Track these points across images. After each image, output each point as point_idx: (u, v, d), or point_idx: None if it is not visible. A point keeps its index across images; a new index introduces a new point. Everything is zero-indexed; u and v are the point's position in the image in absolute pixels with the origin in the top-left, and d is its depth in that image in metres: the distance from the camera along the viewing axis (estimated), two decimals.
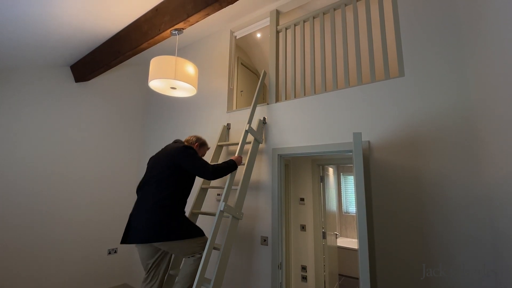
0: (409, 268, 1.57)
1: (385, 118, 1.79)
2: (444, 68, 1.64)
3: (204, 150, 2.10)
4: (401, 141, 1.71)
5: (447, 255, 1.48)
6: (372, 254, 1.68)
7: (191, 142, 2.02)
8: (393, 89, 1.80)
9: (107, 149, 3.26)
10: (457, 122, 1.56)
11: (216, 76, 2.94)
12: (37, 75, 2.73)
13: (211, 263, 2.32)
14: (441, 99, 1.62)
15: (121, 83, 3.46)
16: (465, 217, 1.46)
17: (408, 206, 1.63)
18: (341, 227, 5.10)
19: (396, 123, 1.75)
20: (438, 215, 1.53)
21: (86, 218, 2.99)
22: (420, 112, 1.68)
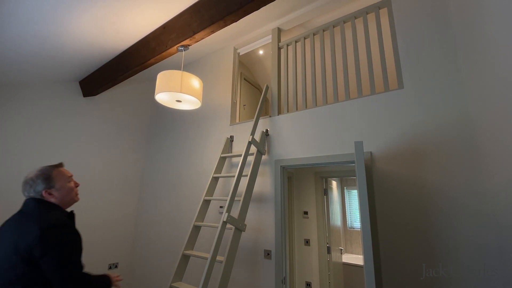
0: (415, 279, 1.53)
1: (386, 130, 1.82)
2: (442, 80, 1.69)
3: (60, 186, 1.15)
4: (403, 152, 1.72)
5: (454, 262, 1.44)
6: (378, 267, 1.64)
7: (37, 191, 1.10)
8: (393, 101, 1.84)
9: (111, 162, 3.29)
10: (456, 132, 1.58)
11: (220, 90, 3.02)
12: (47, 90, 2.82)
13: (213, 276, 2.26)
14: (440, 110, 1.65)
15: (127, 98, 3.56)
16: (470, 223, 1.44)
17: (412, 215, 1.61)
18: (346, 242, 4.97)
19: (397, 134, 1.77)
20: (442, 223, 1.51)
21: (87, 231, 2.96)
22: (420, 123, 1.70)
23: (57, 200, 1.13)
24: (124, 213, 3.33)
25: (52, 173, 1.14)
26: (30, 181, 1.10)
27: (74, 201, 1.21)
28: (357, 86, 2.03)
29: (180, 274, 1.98)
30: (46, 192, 1.11)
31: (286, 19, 2.61)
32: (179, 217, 2.93)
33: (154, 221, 3.20)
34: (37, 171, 1.13)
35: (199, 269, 2.53)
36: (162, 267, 2.91)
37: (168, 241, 2.95)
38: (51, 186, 1.12)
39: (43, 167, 1.17)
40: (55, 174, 1.15)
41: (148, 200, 3.38)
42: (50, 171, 1.15)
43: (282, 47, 2.61)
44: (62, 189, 1.14)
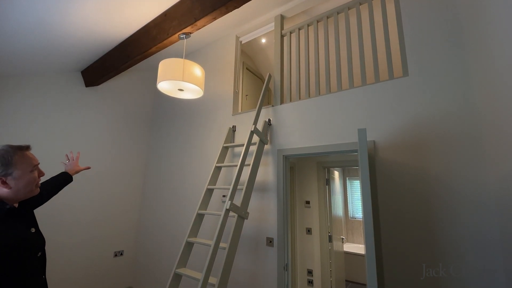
0: (417, 269, 1.55)
1: (390, 118, 1.80)
2: (448, 67, 1.65)
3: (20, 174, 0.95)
4: (406, 140, 1.71)
5: (457, 254, 1.46)
6: (379, 256, 1.66)
7: None
8: (397, 89, 1.81)
9: (115, 152, 3.32)
10: (461, 120, 1.56)
11: (222, 80, 3.00)
12: (49, 81, 2.82)
13: (216, 263, 2.31)
14: (445, 98, 1.63)
15: (129, 87, 3.55)
16: (472, 215, 1.44)
17: (414, 205, 1.62)
18: (347, 232, 5.03)
19: (400, 123, 1.75)
20: (445, 213, 1.52)
21: (93, 220, 3.02)
22: (425, 111, 1.68)
23: (11, 191, 0.91)
24: (128, 202, 3.38)
25: (13, 157, 0.91)
26: None
27: (33, 194, 0.99)
28: (361, 74, 2.00)
29: (184, 260, 2.02)
30: (0, 180, 0.90)
31: (289, 6, 2.55)
32: (183, 205, 2.97)
33: (158, 209, 3.25)
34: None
35: (203, 256, 2.59)
36: (167, 254, 2.98)
37: (172, 229, 3.01)
38: (8, 173, 0.90)
39: (3, 146, 0.93)
40: (17, 159, 0.92)
41: (152, 189, 3.42)
42: (12, 154, 0.92)
43: (285, 34, 2.57)
44: (21, 178, 0.93)
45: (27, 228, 1.00)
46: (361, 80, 1.99)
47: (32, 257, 0.96)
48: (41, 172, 1.04)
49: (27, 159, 0.96)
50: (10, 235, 0.89)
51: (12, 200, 0.95)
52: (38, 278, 0.99)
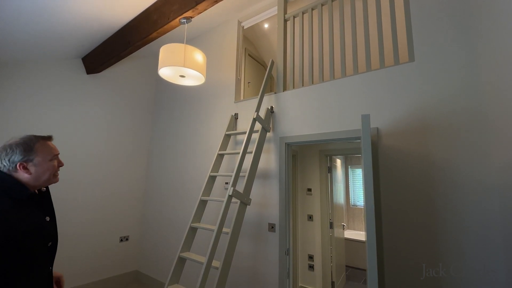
0: (417, 258, 1.57)
1: (394, 105, 1.78)
2: (455, 53, 1.61)
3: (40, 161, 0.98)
4: (410, 127, 1.70)
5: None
6: (380, 243, 1.68)
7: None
8: (402, 75, 1.78)
9: (118, 139, 3.34)
10: (468, 107, 1.53)
11: (224, 67, 2.96)
12: (50, 68, 2.80)
13: (219, 247, 2.37)
14: (452, 84, 1.60)
15: (131, 75, 3.52)
16: (475, 205, 1.45)
17: (416, 192, 1.62)
18: (348, 219, 5.09)
19: (405, 109, 1.73)
20: (447, 202, 1.52)
21: (98, 206, 3.08)
22: (430, 98, 1.66)
23: (31, 177, 0.95)
24: (133, 189, 3.44)
25: (35, 144, 0.97)
26: (8, 148, 0.94)
27: (50, 183, 1.03)
28: (366, 59, 1.96)
29: (188, 245, 2.07)
30: (21, 165, 0.93)
31: None
32: (186, 192, 3.01)
33: (161, 196, 3.30)
34: (20, 138, 0.96)
35: (206, 241, 2.65)
36: (171, 239, 3.05)
37: (176, 215, 3.06)
38: (29, 160, 0.94)
39: (27, 135, 0.99)
40: (39, 146, 0.97)
41: (156, 176, 3.46)
42: (34, 142, 0.97)
43: (288, 19, 2.50)
44: (41, 165, 0.97)
45: (43, 216, 1.01)
46: (366, 66, 1.95)
47: (42, 246, 0.98)
48: (60, 162, 1.06)
49: (48, 148, 1.00)
50: (28, 220, 0.91)
51: (32, 187, 0.98)
52: (45, 268, 1.00)
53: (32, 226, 0.92)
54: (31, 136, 0.99)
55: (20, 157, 0.93)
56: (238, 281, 2.35)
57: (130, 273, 3.31)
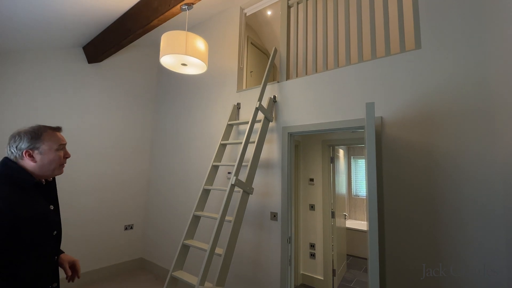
0: (419, 248, 1.58)
1: (399, 93, 1.75)
2: (463, 40, 1.57)
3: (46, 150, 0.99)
4: (415, 116, 1.67)
5: (460, 230, 1.48)
6: (381, 233, 1.69)
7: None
8: (408, 62, 1.74)
9: (121, 129, 3.35)
10: (475, 95, 1.50)
11: (226, 55, 2.91)
12: (51, 57, 2.79)
13: (222, 235, 2.40)
14: (459, 72, 1.56)
15: (132, 64, 3.49)
16: (479, 195, 1.44)
17: (419, 182, 1.62)
18: (350, 209, 5.13)
19: (410, 98, 1.70)
20: (450, 190, 1.52)
21: (102, 196, 3.12)
22: (436, 86, 1.62)
23: (36, 166, 0.96)
24: (136, 179, 3.47)
25: (43, 133, 0.98)
26: (17, 135, 0.95)
27: (54, 174, 1.02)
28: (371, 47, 1.92)
29: (192, 232, 2.10)
30: (27, 153, 0.94)
31: None
32: (189, 181, 3.04)
33: (165, 185, 3.34)
34: (29, 127, 0.98)
35: (209, 229, 2.69)
36: (174, 227, 3.10)
37: (179, 204, 3.10)
38: (35, 147, 0.95)
39: (37, 124, 1.00)
40: (46, 135, 0.98)
41: (159, 165, 3.49)
42: (42, 130, 0.98)
43: (292, 5, 2.44)
44: (46, 154, 0.97)
45: (47, 204, 1.02)
46: (371, 54, 1.91)
47: (48, 235, 0.99)
48: (67, 153, 1.06)
49: (55, 137, 1.01)
50: (32, 207, 0.92)
51: (38, 176, 0.98)
52: (51, 258, 1.01)
53: (36, 213, 0.93)
54: (40, 126, 1.00)
55: (26, 144, 0.94)
56: (240, 268, 2.40)
57: (135, 260, 3.39)
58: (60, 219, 1.09)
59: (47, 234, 0.99)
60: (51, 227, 1.01)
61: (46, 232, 0.98)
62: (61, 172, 1.04)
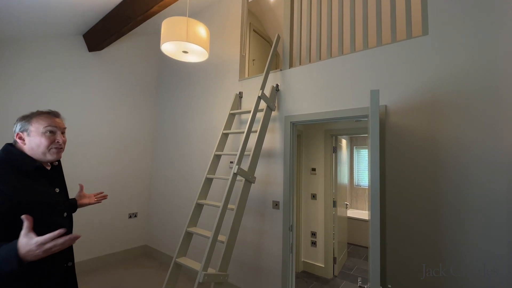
0: (420, 234, 1.59)
1: (404, 81, 1.71)
2: (472, 26, 1.52)
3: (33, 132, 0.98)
4: (420, 105, 1.64)
5: (461, 222, 1.48)
6: (383, 223, 1.70)
7: None
8: (415, 49, 1.69)
9: (123, 117, 3.35)
10: (481, 84, 1.47)
11: (228, 43, 2.86)
12: (52, 44, 2.75)
13: (225, 223, 2.44)
14: (466, 60, 1.52)
15: (133, 52, 3.45)
16: (481, 189, 1.43)
17: (422, 173, 1.61)
18: (351, 199, 5.16)
19: (415, 86, 1.67)
20: (452, 182, 1.51)
21: (106, 184, 3.16)
22: (442, 74, 1.59)
23: (26, 148, 0.96)
24: (139, 168, 3.50)
25: (33, 116, 0.98)
26: (16, 120, 0.99)
27: (48, 159, 0.99)
28: (377, 33, 1.87)
29: (195, 220, 2.13)
30: (18, 135, 0.96)
31: None
32: (192, 170, 3.06)
33: (168, 174, 3.36)
34: (29, 113, 1.00)
35: (212, 217, 2.72)
36: (178, 216, 3.15)
37: (182, 192, 3.14)
38: (24, 129, 0.96)
39: (37, 111, 1.01)
40: (35, 118, 0.97)
41: (162, 154, 3.50)
42: (34, 115, 0.98)
43: None
44: (33, 137, 0.96)
45: (51, 187, 1.03)
46: (377, 40, 1.86)
47: (58, 216, 1.01)
48: (59, 138, 1.01)
49: (45, 120, 0.98)
50: (36, 190, 0.93)
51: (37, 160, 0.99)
52: None
53: (40, 196, 0.94)
54: (37, 110, 1.01)
55: (19, 127, 0.97)
56: (243, 255, 2.45)
57: (140, 247, 3.46)
58: (68, 201, 1.11)
59: (57, 216, 1.01)
60: (60, 209, 1.03)
61: (55, 214, 1.00)
62: (58, 157, 1.02)
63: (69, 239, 0.74)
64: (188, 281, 2.74)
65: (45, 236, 0.72)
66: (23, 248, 0.71)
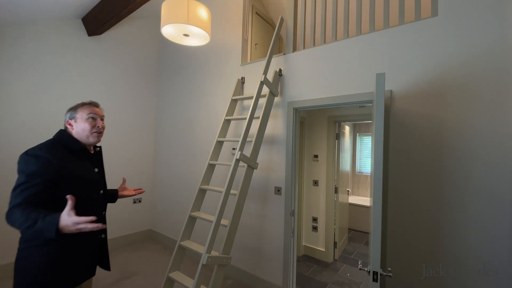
0: (423, 215, 1.60)
1: (412, 65, 1.67)
2: (483, 8, 1.45)
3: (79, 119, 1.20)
4: (427, 90, 1.61)
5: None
6: (384, 209, 1.70)
7: None
8: (423, 32, 1.63)
9: (124, 102, 3.33)
10: (491, 69, 1.42)
11: (230, 27, 2.79)
12: (50, 29, 2.70)
13: (228, 207, 2.48)
14: (477, 43, 1.47)
15: (134, 36, 3.38)
16: (488, 176, 1.42)
17: (426, 160, 1.60)
18: (353, 185, 5.19)
19: (422, 70, 1.63)
20: (456, 166, 1.50)
21: (109, 171, 3.19)
22: (451, 58, 1.54)
23: (74, 132, 1.18)
24: (142, 154, 3.52)
25: (79, 107, 1.21)
26: (67, 110, 1.22)
27: (91, 141, 1.20)
28: (384, 15, 1.80)
29: (198, 205, 2.16)
30: (67, 122, 1.20)
31: None
32: (194, 156, 3.07)
33: (170, 160, 3.39)
34: (76, 104, 1.23)
35: (214, 203, 2.76)
36: (181, 201, 3.20)
37: (185, 178, 3.17)
38: (72, 117, 1.19)
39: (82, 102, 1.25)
40: (81, 108, 1.21)
41: (164, 140, 3.51)
42: (79, 105, 1.22)
43: None
44: (79, 123, 1.19)
45: (91, 167, 1.23)
46: (384, 22, 1.79)
47: (95, 193, 1.22)
48: (99, 123, 1.22)
49: (87, 109, 1.21)
50: (80, 167, 1.15)
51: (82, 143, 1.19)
52: (99, 213, 1.24)
53: (81, 171, 1.14)
54: (81, 102, 1.23)
55: (68, 116, 1.20)
56: (246, 239, 2.50)
57: (145, 231, 3.55)
58: (105, 182, 1.32)
59: (94, 191, 1.22)
60: (97, 187, 1.23)
61: (93, 189, 1.21)
62: (98, 140, 1.23)
63: (96, 226, 0.90)
64: (192, 263, 2.82)
65: (80, 218, 0.88)
66: (62, 222, 0.87)
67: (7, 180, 2.42)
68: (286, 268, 2.18)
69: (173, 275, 1.85)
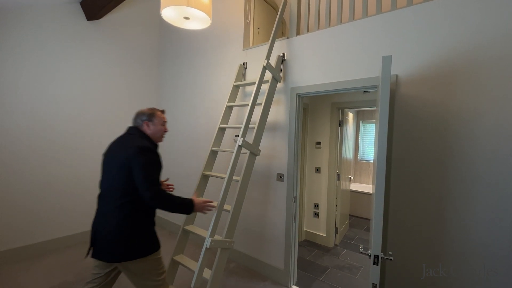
0: (423, 204, 1.60)
1: (419, 49, 1.61)
2: None
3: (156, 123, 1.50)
4: (434, 74, 1.56)
5: (465, 192, 1.47)
6: (387, 197, 1.70)
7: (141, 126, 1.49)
8: (432, 12, 1.57)
9: (124, 89, 3.31)
10: (503, 52, 1.37)
11: (231, 9, 2.70)
12: (49, 13, 2.64)
13: (230, 193, 2.50)
14: (488, 26, 1.41)
15: (133, 21, 3.31)
16: (492, 165, 1.40)
17: (432, 144, 1.58)
18: (355, 172, 5.20)
19: (430, 54, 1.58)
20: (461, 156, 1.48)
21: None
22: (460, 41, 1.48)
23: (150, 132, 1.47)
24: None
25: (156, 113, 1.51)
26: (141, 113, 1.48)
27: (159, 141, 1.53)
28: None
29: (201, 191, 2.19)
30: (145, 123, 1.46)
31: None
32: (196, 143, 3.07)
33: (173, 147, 3.40)
34: (148, 108, 1.51)
35: (217, 189, 2.78)
36: (185, 187, 3.23)
37: (188, 165, 3.19)
38: (150, 120, 1.47)
39: (153, 107, 1.55)
40: (158, 114, 1.51)
41: None
42: (156, 111, 1.51)
43: None
44: (155, 126, 1.49)
45: None
46: (391, 3, 1.73)
47: None
48: (166, 128, 1.56)
49: (161, 116, 1.53)
50: (160, 160, 1.42)
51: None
52: None
53: (161, 164, 1.43)
54: (155, 108, 1.53)
55: (145, 117, 1.47)
56: (248, 224, 2.54)
57: None
58: None
59: None
60: None
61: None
62: (161, 141, 1.55)
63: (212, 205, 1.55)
64: (195, 248, 2.89)
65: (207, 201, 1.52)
66: (196, 203, 1.48)
67: (15, 168, 2.45)
68: (288, 252, 2.23)
69: (177, 258, 1.90)
